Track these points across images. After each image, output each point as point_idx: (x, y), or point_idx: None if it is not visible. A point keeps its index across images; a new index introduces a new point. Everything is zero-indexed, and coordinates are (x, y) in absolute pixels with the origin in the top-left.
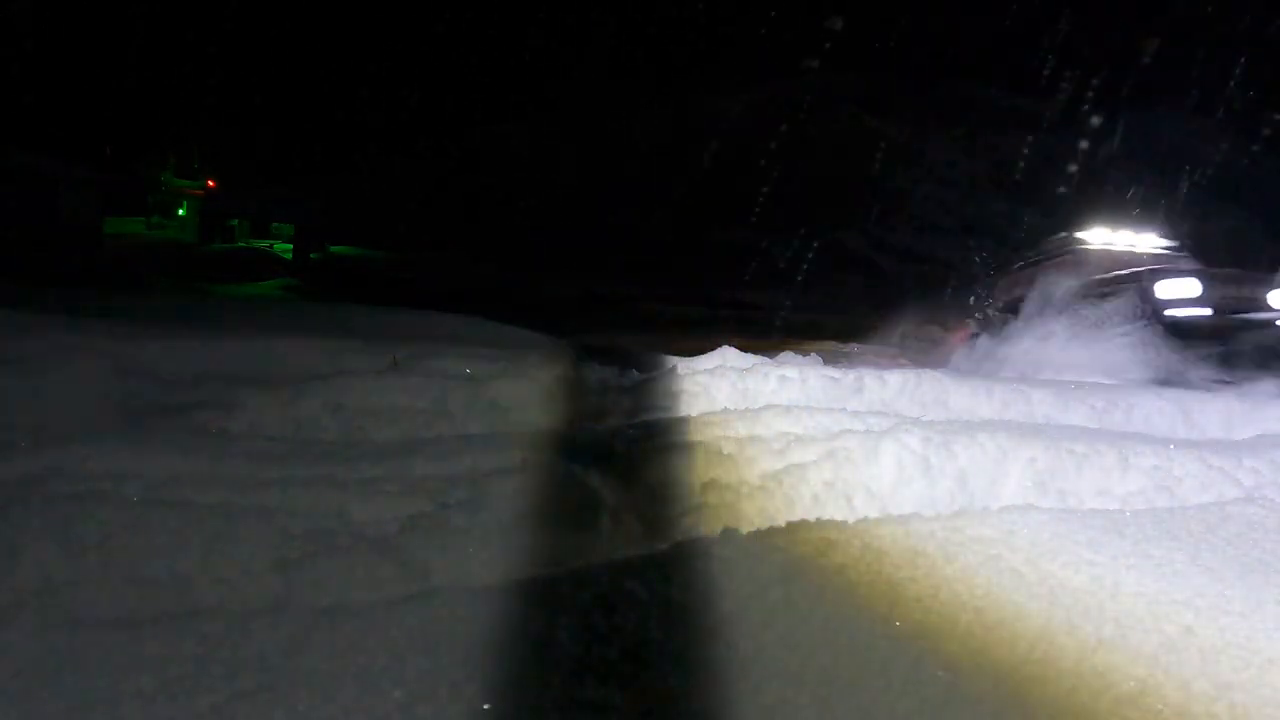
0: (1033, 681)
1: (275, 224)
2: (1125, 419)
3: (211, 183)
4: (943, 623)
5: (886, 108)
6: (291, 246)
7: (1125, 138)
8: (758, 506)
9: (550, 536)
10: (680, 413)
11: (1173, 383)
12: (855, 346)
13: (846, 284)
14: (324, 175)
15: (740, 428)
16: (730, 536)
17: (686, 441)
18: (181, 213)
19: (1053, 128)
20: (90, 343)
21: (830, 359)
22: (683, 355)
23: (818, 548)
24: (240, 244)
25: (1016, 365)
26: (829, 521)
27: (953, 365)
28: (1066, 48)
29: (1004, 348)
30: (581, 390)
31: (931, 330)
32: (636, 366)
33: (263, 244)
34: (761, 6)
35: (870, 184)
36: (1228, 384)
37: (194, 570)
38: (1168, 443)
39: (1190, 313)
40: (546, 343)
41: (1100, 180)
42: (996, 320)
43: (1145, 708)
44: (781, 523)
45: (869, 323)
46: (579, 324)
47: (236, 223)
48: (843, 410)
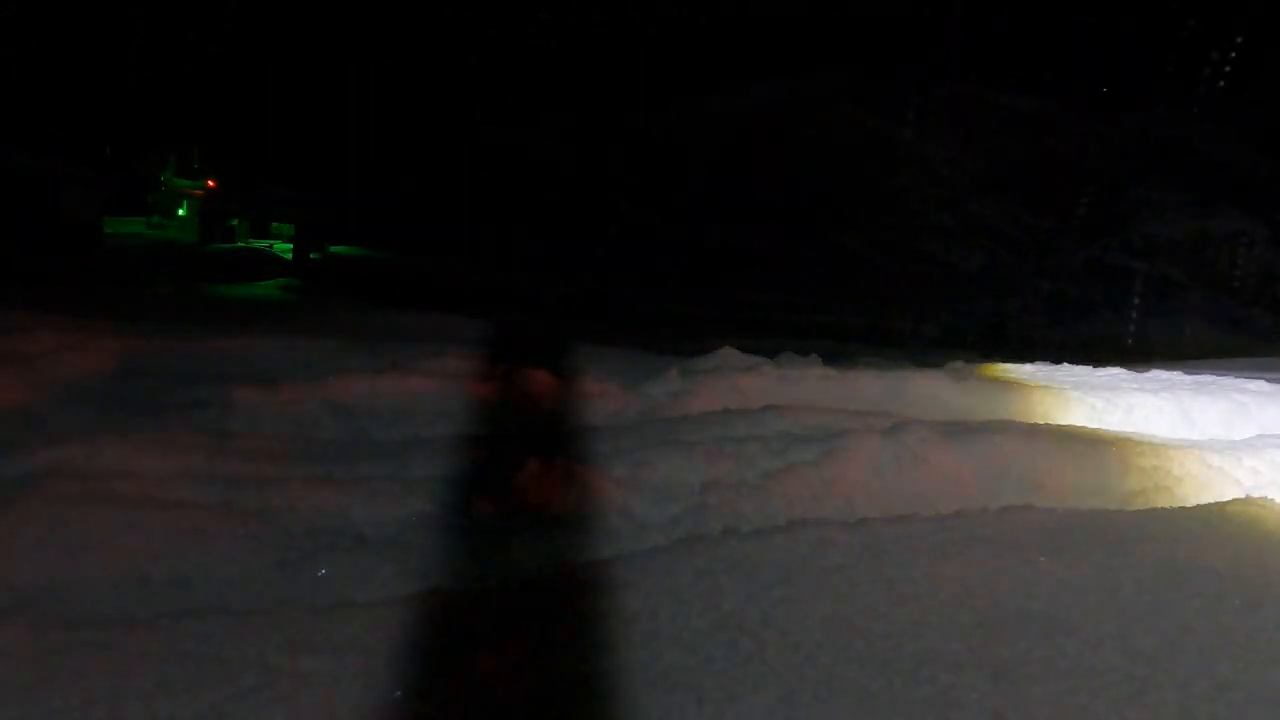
0: (1033, 681)
1: (275, 224)
2: (1125, 419)
3: (211, 183)
4: (942, 622)
5: (886, 108)
6: (291, 246)
7: (1125, 137)
8: (757, 506)
9: (552, 536)
10: (680, 412)
11: None
12: (855, 347)
13: (847, 284)
14: (324, 175)
15: (740, 428)
16: (731, 536)
17: (687, 441)
18: (181, 213)
19: (1053, 128)
20: (90, 342)
21: (830, 359)
22: (682, 355)
23: (817, 548)
24: (240, 244)
25: None
26: (829, 521)
27: None
28: (1066, 48)
29: None
30: (585, 394)
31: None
32: (637, 368)
33: (263, 244)
34: (761, 6)
35: (870, 184)
36: None
37: (194, 570)
38: (1167, 443)
39: None
40: (546, 342)
41: (1101, 180)
42: None
43: (1145, 707)
44: (781, 523)
45: (869, 323)
46: (579, 325)
47: (236, 223)
48: (843, 410)
